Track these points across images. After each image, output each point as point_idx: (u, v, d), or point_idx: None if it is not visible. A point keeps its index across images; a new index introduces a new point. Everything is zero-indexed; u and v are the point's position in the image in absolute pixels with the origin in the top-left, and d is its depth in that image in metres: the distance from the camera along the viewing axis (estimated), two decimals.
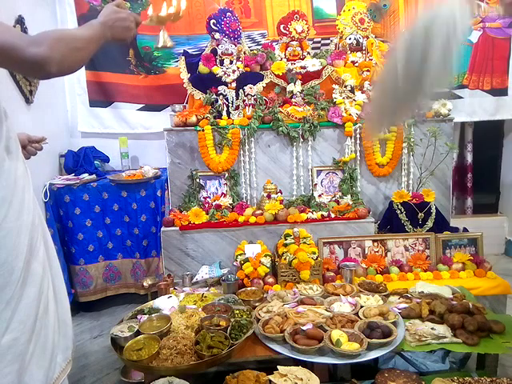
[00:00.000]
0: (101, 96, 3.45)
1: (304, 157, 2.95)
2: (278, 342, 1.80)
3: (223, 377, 1.64)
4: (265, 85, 3.04)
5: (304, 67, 2.99)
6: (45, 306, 1.29)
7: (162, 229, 2.68)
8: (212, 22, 3.01)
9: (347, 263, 2.49)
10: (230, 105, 2.98)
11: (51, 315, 1.32)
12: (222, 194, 2.93)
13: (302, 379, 1.57)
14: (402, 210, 2.78)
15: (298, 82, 3.01)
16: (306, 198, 2.94)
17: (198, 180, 2.91)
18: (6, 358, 1.14)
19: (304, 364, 1.68)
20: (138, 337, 1.77)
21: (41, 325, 1.26)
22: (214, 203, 2.84)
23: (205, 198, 2.92)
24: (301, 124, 2.88)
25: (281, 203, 2.79)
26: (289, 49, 3.11)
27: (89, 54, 1.23)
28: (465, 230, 2.86)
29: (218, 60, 3.06)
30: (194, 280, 2.52)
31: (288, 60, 3.10)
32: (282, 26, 3.10)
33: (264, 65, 3.07)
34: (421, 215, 2.78)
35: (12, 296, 1.16)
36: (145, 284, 2.52)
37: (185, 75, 3.08)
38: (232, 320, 1.82)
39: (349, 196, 2.88)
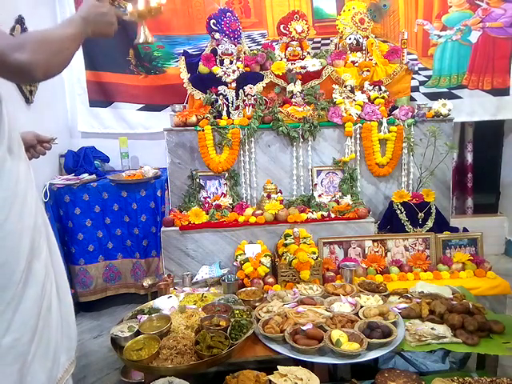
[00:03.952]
0: (101, 96, 3.45)
1: (304, 157, 2.95)
2: (278, 342, 1.80)
3: (223, 377, 1.64)
4: (265, 85, 3.04)
5: (304, 67, 2.99)
6: (48, 307, 1.28)
7: (162, 229, 2.68)
8: (212, 21, 3.01)
9: (347, 263, 2.49)
10: (230, 105, 2.98)
11: (54, 315, 1.32)
12: (222, 193, 2.93)
13: (302, 379, 1.57)
14: (402, 209, 2.78)
15: (298, 82, 3.01)
16: (306, 198, 2.94)
17: (198, 180, 2.91)
18: (7, 359, 1.14)
19: (304, 364, 1.68)
20: (138, 337, 1.77)
21: (43, 325, 1.25)
22: (214, 203, 2.84)
23: (205, 197, 2.92)
24: (301, 124, 2.88)
25: (281, 203, 2.79)
26: (289, 49, 3.11)
27: (72, 54, 1.20)
28: (465, 230, 2.86)
29: (218, 60, 3.06)
30: (194, 280, 2.52)
31: (288, 60, 3.09)
32: (282, 26, 3.10)
33: (264, 65, 3.07)
34: (421, 215, 2.78)
35: (13, 297, 1.15)
36: (145, 284, 2.52)
37: (185, 75, 3.08)
38: (232, 320, 1.82)
39: (349, 196, 2.88)
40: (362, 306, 2.01)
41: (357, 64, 3.12)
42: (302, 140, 2.92)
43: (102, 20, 1.28)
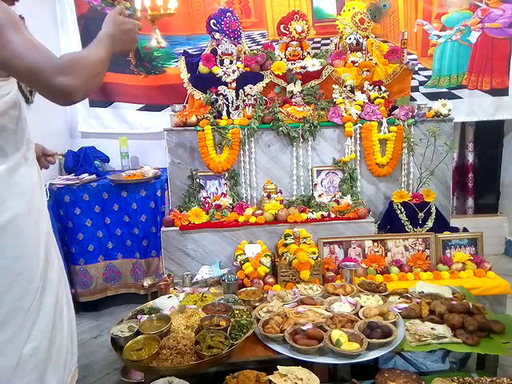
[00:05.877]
0: (101, 96, 3.45)
1: (304, 157, 2.95)
2: (278, 342, 1.80)
3: (223, 377, 1.64)
4: (265, 85, 3.04)
5: (304, 67, 2.99)
6: (60, 313, 1.28)
7: (162, 229, 2.68)
8: (212, 22, 3.01)
9: (347, 263, 2.49)
10: (230, 105, 2.98)
11: (65, 321, 1.32)
12: (222, 193, 2.93)
13: (301, 379, 1.57)
14: (402, 209, 2.78)
15: (298, 82, 3.01)
16: (306, 198, 2.94)
17: (198, 180, 2.91)
18: (26, 367, 1.13)
19: (304, 364, 1.68)
20: (138, 337, 1.77)
21: (56, 332, 1.25)
22: (213, 203, 2.84)
23: (205, 197, 2.92)
24: (301, 124, 2.88)
25: (281, 203, 2.79)
26: (289, 49, 3.11)
27: (104, 75, 1.20)
28: (465, 230, 2.86)
29: (218, 60, 3.06)
30: (194, 280, 2.52)
31: (288, 60, 3.09)
32: (282, 26, 3.10)
33: (264, 65, 3.07)
34: (421, 215, 2.78)
35: (32, 305, 1.14)
36: (145, 284, 2.52)
37: (185, 75, 3.08)
38: (232, 320, 1.82)
39: (349, 196, 2.88)
40: (361, 306, 2.01)
41: (357, 64, 3.11)
42: (301, 140, 2.92)
43: (127, 37, 1.26)
